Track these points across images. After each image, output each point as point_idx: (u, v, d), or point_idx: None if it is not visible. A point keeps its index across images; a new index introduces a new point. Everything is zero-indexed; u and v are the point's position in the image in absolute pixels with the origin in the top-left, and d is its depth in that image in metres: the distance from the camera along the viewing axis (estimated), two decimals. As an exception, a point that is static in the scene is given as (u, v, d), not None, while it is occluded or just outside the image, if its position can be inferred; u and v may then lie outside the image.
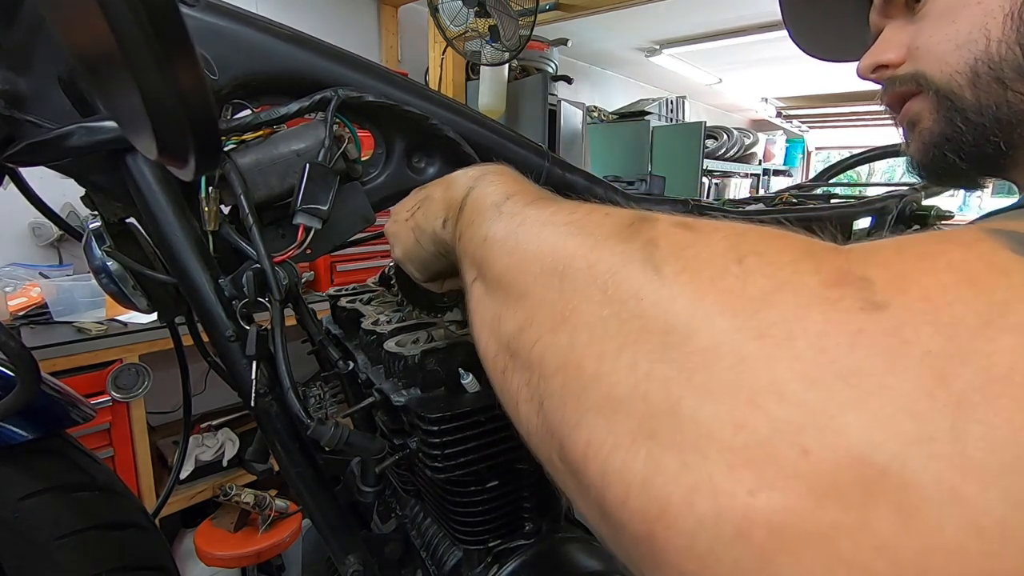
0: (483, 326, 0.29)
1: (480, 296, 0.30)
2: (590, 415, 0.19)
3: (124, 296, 0.58)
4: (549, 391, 0.21)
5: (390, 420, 0.56)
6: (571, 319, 0.21)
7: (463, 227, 0.35)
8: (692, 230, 0.21)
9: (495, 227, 0.30)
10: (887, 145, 1.05)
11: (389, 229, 0.48)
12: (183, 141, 0.28)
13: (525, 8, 1.95)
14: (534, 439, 0.23)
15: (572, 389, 0.20)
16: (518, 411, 0.25)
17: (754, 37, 3.29)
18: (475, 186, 0.36)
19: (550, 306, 0.23)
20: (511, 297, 0.26)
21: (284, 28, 0.51)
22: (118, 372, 1.40)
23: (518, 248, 0.27)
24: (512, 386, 0.25)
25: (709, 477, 0.15)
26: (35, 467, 0.66)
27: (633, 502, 0.17)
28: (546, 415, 0.22)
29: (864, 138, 5.99)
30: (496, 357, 0.27)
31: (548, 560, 0.58)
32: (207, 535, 1.60)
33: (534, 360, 0.23)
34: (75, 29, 0.28)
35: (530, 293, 0.25)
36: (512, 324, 0.25)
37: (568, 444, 0.20)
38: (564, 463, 0.21)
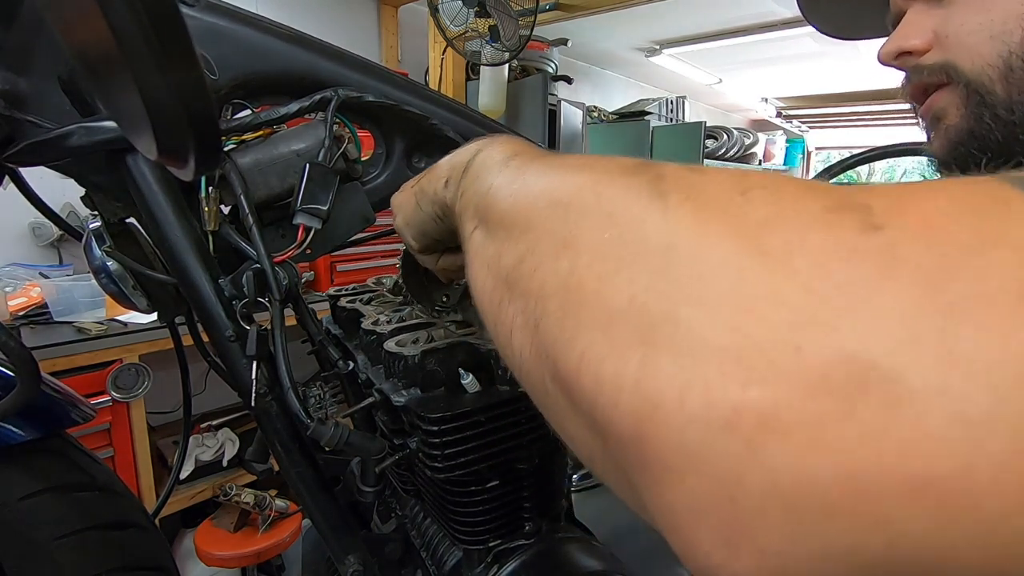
0: (481, 267, 0.29)
1: (480, 241, 0.30)
2: (586, 329, 0.19)
3: (124, 296, 0.58)
4: (546, 312, 0.22)
5: (390, 420, 0.56)
6: (574, 244, 0.22)
7: (466, 184, 0.35)
8: (697, 171, 0.22)
9: (500, 178, 0.31)
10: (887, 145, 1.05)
11: (395, 198, 0.48)
12: (183, 141, 0.28)
13: (525, 8, 1.95)
14: (526, 366, 0.24)
15: (570, 307, 0.20)
16: (511, 342, 0.25)
17: (754, 37, 3.29)
18: (482, 149, 0.36)
19: (553, 234, 0.23)
20: (513, 233, 0.26)
21: (284, 28, 0.51)
22: (118, 372, 1.40)
23: (523, 189, 0.27)
24: (507, 317, 0.25)
25: (702, 375, 0.16)
26: (35, 467, 0.66)
27: (625, 403, 0.17)
28: (541, 337, 0.22)
29: (864, 138, 5.99)
30: (492, 291, 0.27)
31: (548, 560, 0.58)
32: (207, 535, 1.60)
33: (533, 287, 0.23)
34: (75, 29, 0.28)
35: (534, 226, 0.25)
36: (512, 256, 0.25)
37: (562, 360, 0.20)
38: (556, 382, 0.21)
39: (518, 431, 0.53)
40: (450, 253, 0.48)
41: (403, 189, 0.47)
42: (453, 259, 0.48)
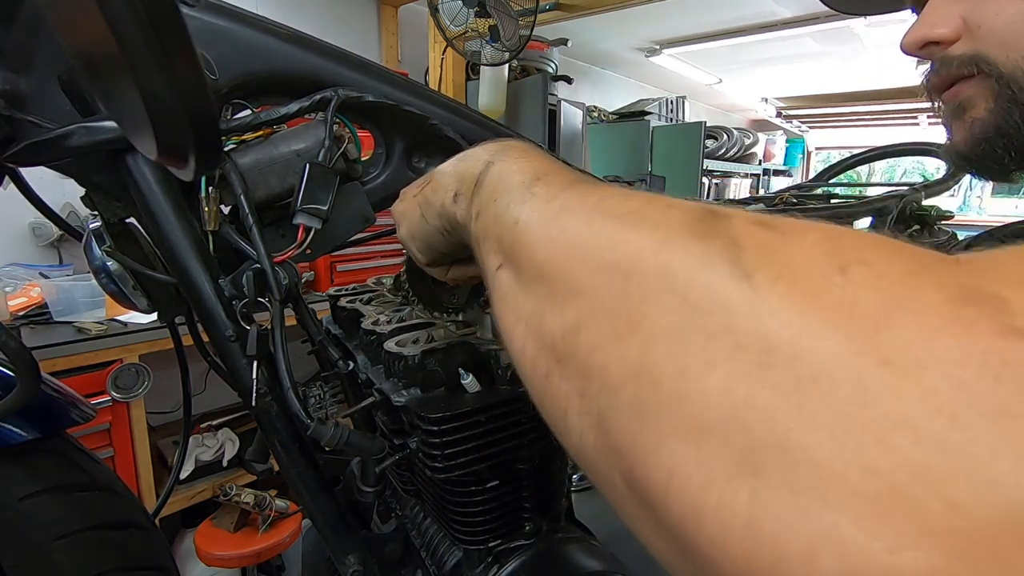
0: (516, 322, 0.26)
1: (510, 287, 0.27)
2: (673, 441, 0.17)
3: (124, 296, 0.58)
4: (614, 406, 0.19)
5: (390, 420, 0.56)
6: (642, 327, 0.19)
7: (482, 204, 0.32)
8: (776, 230, 0.19)
9: (527, 210, 0.27)
10: (887, 145, 1.05)
11: (396, 208, 0.46)
12: (183, 141, 0.28)
13: (525, 8, 1.95)
14: (589, 455, 0.21)
15: (648, 408, 0.18)
16: (566, 422, 0.22)
17: (754, 37, 3.29)
18: (495, 161, 0.33)
19: (613, 310, 0.20)
20: (557, 293, 0.23)
21: (284, 28, 0.51)
22: (118, 372, 1.40)
23: (564, 238, 0.24)
24: (559, 394, 0.22)
25: (835, 527, 0.13)
26: (35, 467, 0.66)
27: (736, 546, 0.15)
28: (609, 433, 0.19)
29: (864, 138, 6.00)
30: (536, 359, 0.24)
31: (548, 560, 0.58)
32: (207, 535, 1.60)
33: (593, 369, 0.20)
34: (75, 29, 0.28)
35: (585, 292, 0.22)
36: (559, 324, 0.23)
37: (643, 470, 0.18)
38: (633, 488, 0.19)
39: (518, 431, 0.53)
40: (460, 264, 0.45)
41: (404, 197, 0.44)
42: (464, 270, 0.46)
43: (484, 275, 0.31)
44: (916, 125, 5.36)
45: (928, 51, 0.42)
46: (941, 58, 0.41)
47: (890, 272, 0.16)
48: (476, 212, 0.32)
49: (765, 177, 4.96)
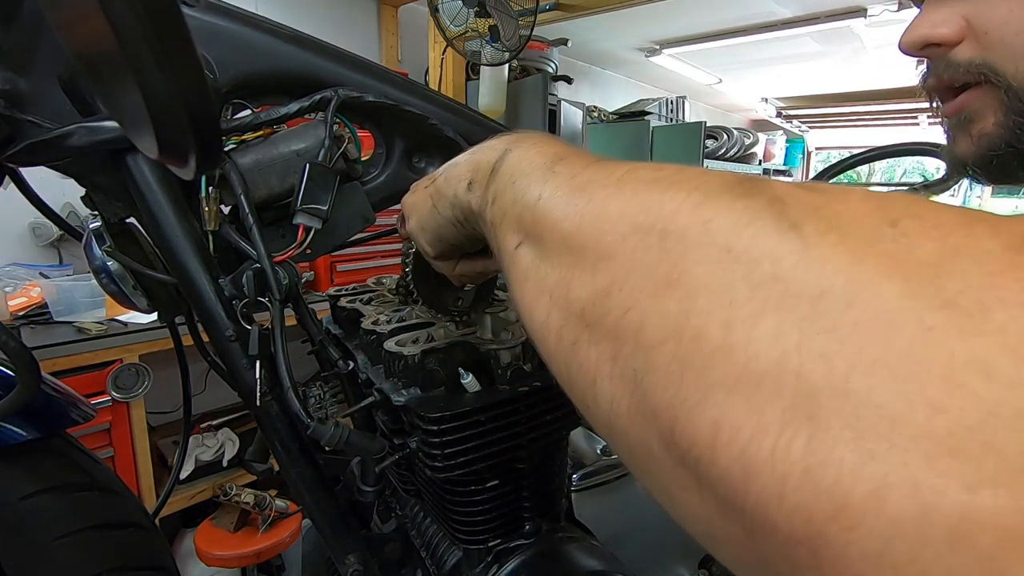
0: (539, 294, 0.25)
1: (532, 262, 0.26)
2: (719, 393, 0.16)
3: (124, 296, 0.58)
4: (652, 364, 0.18)
5: (390, 420, 0.56)
6: (681, 283, 0.18)
7: (499, 189, 0.31)
8: (818, 190, 0.19)
9: (550, 187, 0.27)
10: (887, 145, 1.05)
11: (406, 200, 0.45)
12: (184, 141, 0.28)
13: (525, 8, 1.95)
14: (621, 421, 0.20)
15: (690, 362, 0.17)
16: (595, 389, 0.21)
17: (754, 37, 3.29)
18: (512, 149, 0.32)
19: (648, 269, 0.20)
20: (586, 260, 0.23)
21: (284, 28, 0.51)
22: (118, 372, 1.40)
23: (592, 207, 0.24)
24: (588, 361, 0.22)
25: (904, 467, 0.13)
26: (35, 467, 0.66)
27: (792, 497, 0.14)
28: (646, 392, 0.19)
29: (864, 138, 6.00)
30: (562, 328, 0.23)
31: (548, 560, 0.58)
32: (207, 535, 1.60)
33: (626, 329, 0.20)
34: (75, 29, 0.28)
35: (616, 254, 0.21)
36: (588, 289, 0.22)
37: (685, 426, 0.17)
38: (672, 448, 0.18)
39: (518, 431, 0.53)
40: (469, 259, 0.45)
41: (415, 189, 0.44)
42: (472, 265, 0.45)
43: (501, 259, 0.30)
44: (916, 125, 5.36)
45: (928, 52, 0.40)
46: (944, 61, 0.39)
47: (943, 222, 0.16)
48: (492, 197, 0.32)
49: (765, 177, 4.96)
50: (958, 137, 0.41)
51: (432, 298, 0.56)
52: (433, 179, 0.41)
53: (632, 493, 0.70)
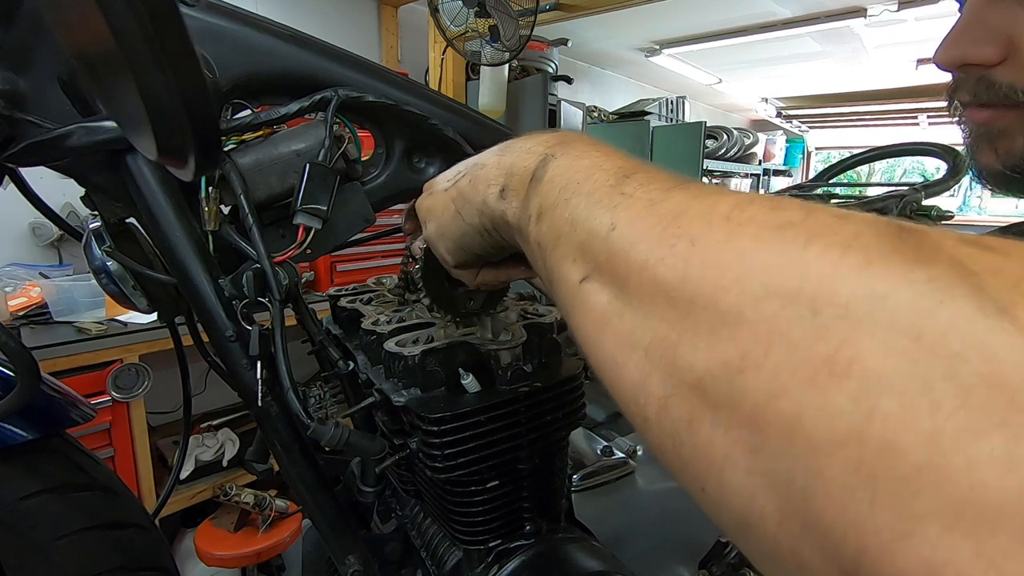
0: (628, 348, 0.22)
1: (611, 306, 0.23)
2: (931, 526, 0.13)
3: (124, 296, 0.58)
4: (819, 472, 0.15)
5: (390, 420, 0.56)
6: (853, 372, 0.15)
7: (546, 204, 0.28)
8: (1002, 253, 0.16)
9: (625, 215, 0.23)
10: (887, 145, 1.05)
11: (422, 203, 0.41)
12: (183, 141, 0.28)
13: (525, 8, 1.95)
14: (765, 525, 0.17)
15: (883, 480, 0.14)
16: (722, 480, 0.18)
17: (754, 37, 3.29)
18: (555, 154, 0.29)
19: (798, 348, 0.16)
20: (697, 320, 0.19)
21: (284, 28, 0.51)
22: (118, 372, 1.40)
23: (699, 252, 0.20)
24: (713, 447, 0.18)
25: None
26: (35, 467, 0.66)
27: None
28: (811, 504, 0.15)
29: (864, 138, 6.00)
30: (669, 399, 0.20)
31: (548, 560, 0.58)
32: (207, 535, 1.60)
33: (774, 421, 0.16)
34: (75, 29, 0.28)
35: (748, 322, 0.17)
36: (707, 359, 0.18)
37: (878, 560, 0.14)
38: (851, 574, 0.15)
39: (518, 431, 0.53)
40: (492, 268, 0.42)
41: (432, 191, 0.40)
42: (496, 274, 0.42)
43: (556, 288, 0.27)
44: (916, 125, 5.36)
45: (966, 71, 0.38)
46: (983, 81, 0.37)
47: None
48: (537, 212, 0.28)
49: (765, 177, 4.96)
50: (981, 146, 0.39)
51: (443, 299, 0.54)
52: (454, 181, 0.37)
53: (632, 493, 0.70)
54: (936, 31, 2.96)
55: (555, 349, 0.58)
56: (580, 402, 0.58)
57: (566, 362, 0.59)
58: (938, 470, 0.13)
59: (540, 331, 0.57)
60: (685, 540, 0.78)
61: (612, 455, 0.69)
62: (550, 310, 0.61)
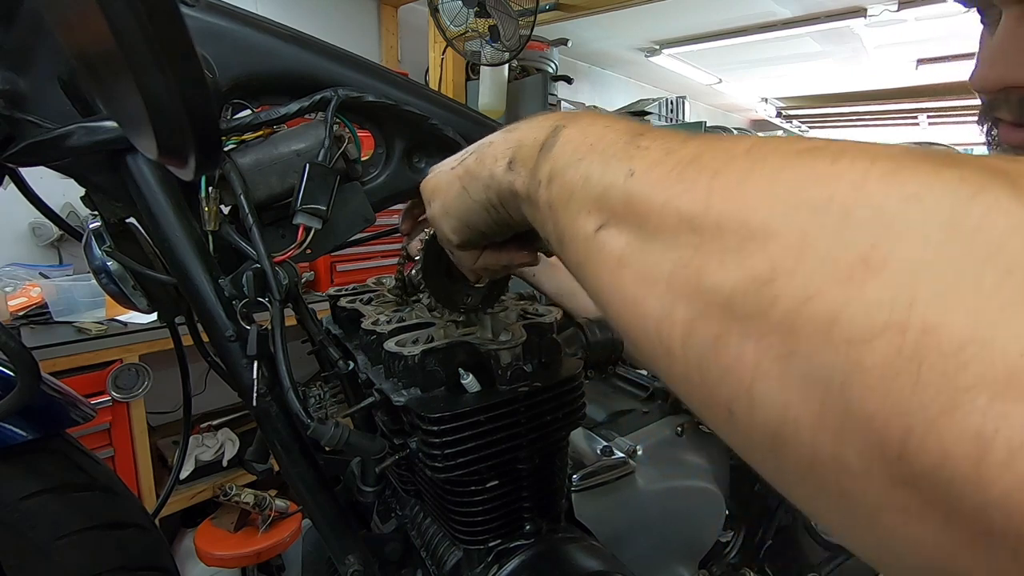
0: (649, 283, 0.22)
1: (630, 246, 0.23)
2: (980, 396, 0.13)
3: (124, 296, 0.58)
4: (860, 364, 0.15)
5: (390, 420, 0.56)
6: (890, 265, 0.15)
7: (558, 167, 0.28)
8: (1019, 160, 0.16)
9: (643, 163, 0.24)
10: (887, 145, 1.05)
11: (427, 183, 0.41)
12: (183, 141, 0.28)
13: (525, 8, 1.95)
14: (802, 432, 0.17)
15: (927, 360, 0.14)
16: (752, 394, 0.18)
17: (754, 37, 3.29)
18: (565, 124, 0.30)
19: (831, 249, 0.16)
20: (723, 241, 0.19)
21: (284, 28, 0.51)
22: (118, 372, 1.40)
23: (723, 181, 0.20)
24: (742, 360, 0.18)
25: None
26: (35, 467, 0.66)
27: None
28: (852, 398, 0.15)
29: (864, 138, 5.98)
30: (694, 322, 0.20)
31: (548, 560, 0.58)
32: (207, 535, 1.60)
33: (808, 322, 0.16)
34: (75, 29, 0.28)
35: (778, 234, 0.18)
36: (735, 275, 0.18)
37: (926, 439, 0.14)
38: (898, 466, 0.15)
39: (518, 431, 0.53)
40: (494, 250, 0.42)
41: (437, 172, 0.40)
42: (497, 257, 0.42)
43: (568, 245, 0.27)
44: (916, 125, 5.36)
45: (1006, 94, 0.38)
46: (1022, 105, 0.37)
47: None
48: (548, 177, 0.29)
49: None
50: None
51: (442, 293, 0.54)
52: (460, 160, 0.38)
53: (632, 493, 0.70)
54: (936, 31, 2.97)
55: (555, 349, 0.58)
56: (580, 402, 0.58)
57: (566, 362, 0.59)
58: (984, 343, 0.13)
59: (540, 331, 0.57)
60: (685, 540, 0.78)
61: (612, 455, 0.69)
62: (550, 310, 0.61)
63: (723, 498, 0.79)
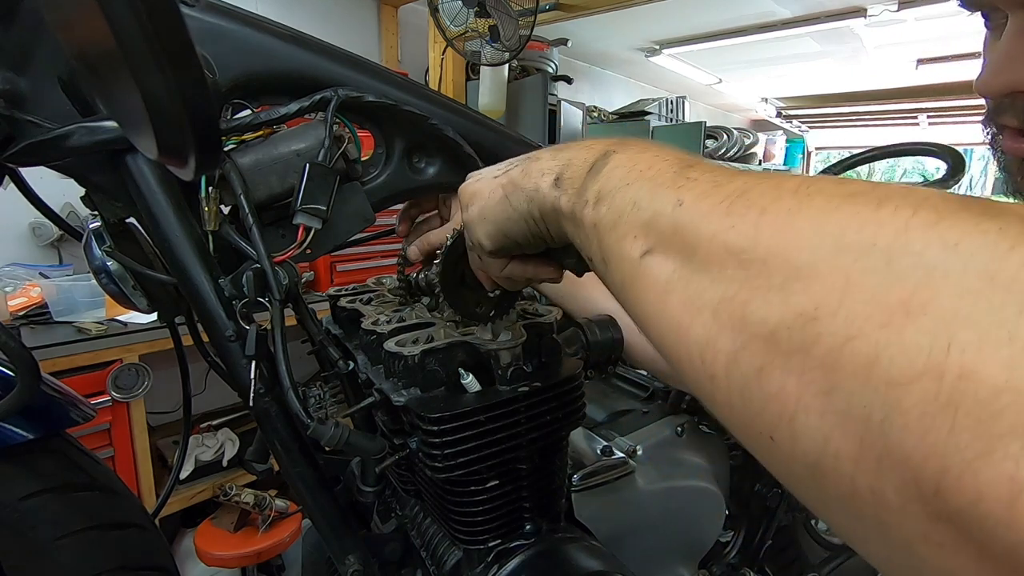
0: (695, 310, 0.23)
1: (676, 274, 0.24)
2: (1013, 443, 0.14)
3: (124, 296, 0.58)
4: (898, 405, 0.16)
5: (390, 420, 0.56)
6: (929, 311, 0.16)
7: (606, 190, 0.29)
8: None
9: (691, 193, 0.25)
10: (887, 145, 1.05)
11: (467, 187, 0.42)
12: (183, 141, 0.29)
13: (525, 8, 1.95)
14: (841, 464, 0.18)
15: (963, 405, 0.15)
16: (795, 425, 0.19)
17: (754, 37, 3.29)
18: (616, 150, 0.31)
19: (873, 292, 0.17)
20: (769, 277, 0.20)
21: (284, 28, 0.51)
22: (118, 372, 1.40)
23: (771, 219, 0.21)
24: (785, 392, 0.19)
25: None
26: (35, 467, 0.66)
27: None
28: (890, 436, 0.16)
29: (864, 138, 6.00)
30: (739, 352, 0.21)
31: (548, 560, 0.58)
32: (207, 535, 1.60)
33: (849, 361, 0.17)
34: (75, 29, 0.28)
35: (821, 274, 0.19)
36: (779, 311, 0.19)
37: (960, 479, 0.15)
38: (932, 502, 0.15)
39: (518, 431, 0.53)
40: (521, 261, 0.42)
41: (479, 177, 0.41)
42: (523, 269, 0.43)
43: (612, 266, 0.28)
44: (916, 125, 5.36)
45: (1013, 97, 0.39)
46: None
47: None
48: (595, 198, 0.30)
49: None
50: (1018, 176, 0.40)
51: (456, 298, 0.53)
52: (506, 169, 0.38)
53: (632, 493, 0.70)
54: (936, 31, 2.97)
55: (555, 349, 0.58)
56: (580, 402, 0.58)
57: (566, 362, 0.59)
58: (1019, 393, 0.14)
59: (540, 331, 0.57)
60: (685, 540, 0.78)
61: (612, 455, 0.69)
62: (550, 310, 0.61)
63: (723, 498, 0.79)
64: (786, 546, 0.98)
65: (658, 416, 0.80)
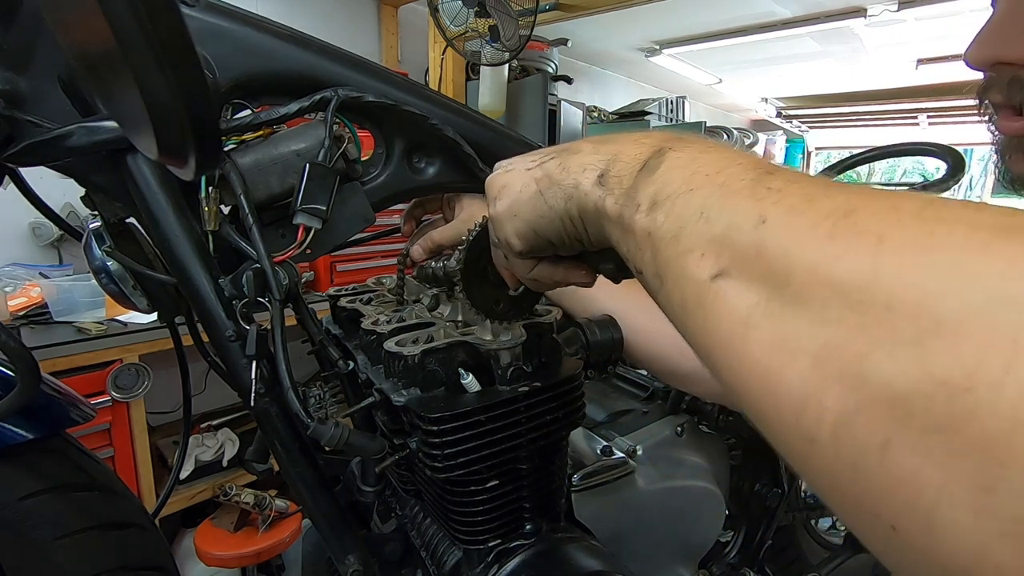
0: (789, 353, 0.19)
1: (762, 307, 0.20)
2: None
3: (124, 296, 0.58)
4: None
5: (390, 420, 0.56)
6: None
7: (665, 194, 0.25)
8: None
9: (776, 209, 0.21)
10: (887, 145, 1.05)
11: (496, 179, 0.38)
12: (183, 141, 0.28)
13: (525, 8, 1.95)
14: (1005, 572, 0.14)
15: None
16: (934, 520, 0.15)
17: (754, 37, 3.29)
18: (672, 147, 0.27)
19: None
20: (894, 328, 0.16)
21: (284, 28, 0.51)
22: (118, 372, 1.40)
23: (890, 252, 0.17)
24: (920, 479, 0.15)
25: None
26: (35, 467, 0.66)
27: None
28: None
29: (864, 138, 6.00)
30: (854, 416, 0.17)
31: (548, 560, 0.58)
32: (207, 535, 1.60)
33: (1021, 454, 0.13)
34: (75, 29, 0.28)
35: (974, 333, 0.15)
36: (912, 373, 0.15)
37: None
38: None
39: (518, 431, 0.53)
40: (551, 263, 0.39)
41: (509, 168, 0.37)
42: (553, 272, 0.39)
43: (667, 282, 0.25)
44: (916, 125, 5.36)
45: (998, 70, 0.37)
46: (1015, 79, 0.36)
47: None
48: (649, 202, 0.26)
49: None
50: (1014, 156, 0.39)
51: (478, 296, 0.50)
52: (539, 161, 0.34)
53: (632, 493, 0.70)
54: (936, 31, 2.97)
55: (555, 349, 0.58)
56: (580, 402, 0.58)
57: (566, 362, 0.59)
58: None
59: (540, 331, 0.57)
60: (685, 540, 0.78)
61: (612, 455, 0.69)
62: (550, 310, 0.61)
63: (723, 498, 0.79)
64: (786, 546, 0.98)
65: (658, 416, 0.80)
